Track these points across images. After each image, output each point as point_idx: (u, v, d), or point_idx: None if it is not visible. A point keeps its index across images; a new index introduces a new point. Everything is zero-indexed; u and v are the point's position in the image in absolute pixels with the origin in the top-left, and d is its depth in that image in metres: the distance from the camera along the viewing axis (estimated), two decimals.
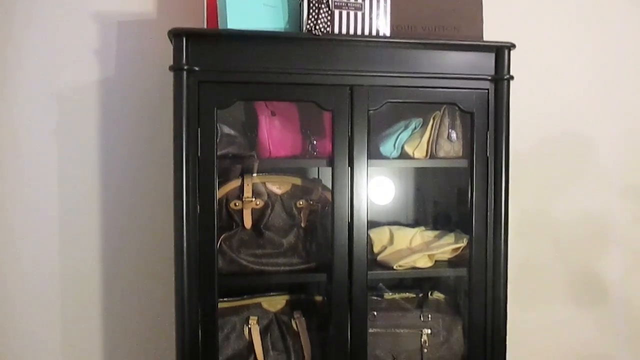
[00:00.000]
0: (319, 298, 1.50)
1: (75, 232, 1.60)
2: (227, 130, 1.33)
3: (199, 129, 1.23)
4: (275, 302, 1.44)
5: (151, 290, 1.64)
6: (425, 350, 1.41)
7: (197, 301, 1.26)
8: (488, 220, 1.36)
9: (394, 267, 1.38)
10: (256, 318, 1.40)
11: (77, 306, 1.63)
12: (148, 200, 1.62)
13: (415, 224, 1.59)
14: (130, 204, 1.62)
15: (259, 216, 1.35)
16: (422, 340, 1.41)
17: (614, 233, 1.88)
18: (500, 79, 1.34)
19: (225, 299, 1.39)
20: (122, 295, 1.64)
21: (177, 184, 1.22)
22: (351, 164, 1.30)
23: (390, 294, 1.50)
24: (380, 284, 1.51)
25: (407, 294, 1.51)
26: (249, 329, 1.38)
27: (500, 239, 1.37)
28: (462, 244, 1.42)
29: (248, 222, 1.34)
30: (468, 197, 1.38)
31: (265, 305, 1.43)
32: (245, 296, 1.42)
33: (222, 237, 1.32)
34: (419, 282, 1.59)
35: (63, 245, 1.60)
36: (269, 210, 1.36)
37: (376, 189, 1.49)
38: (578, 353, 1.91)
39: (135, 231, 1.62)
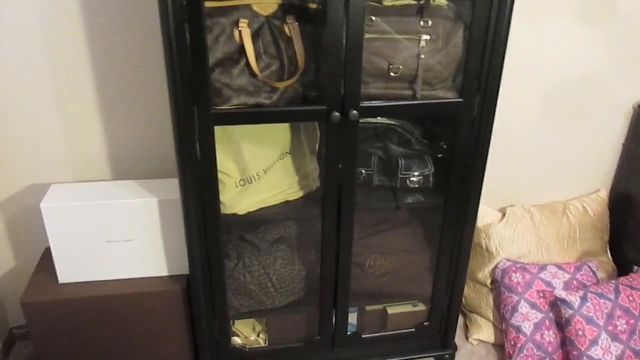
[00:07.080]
0: (313, 5, 1.40)
1: None
2: None
3: None
4: (266, 5, 1.34)
5: None
6: (423, 56, 1.36)
7: None
8: None
9: None
10: (247, 21, 1.32)
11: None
12: None
13: None
14: None
15: None
16: (420, 46, 1.36)
17: None
18: None
19: None
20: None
21: None
22: None
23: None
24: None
25: (407, 1, 1.40)
26: (239, 32, 1.31)
27: None
28: None
29: None
30: None
31: (255, 7, 1.33)
32: None
33: None
34: None
35: None
36: None
37: None
38: (574, 71, 1.89)
39: None
